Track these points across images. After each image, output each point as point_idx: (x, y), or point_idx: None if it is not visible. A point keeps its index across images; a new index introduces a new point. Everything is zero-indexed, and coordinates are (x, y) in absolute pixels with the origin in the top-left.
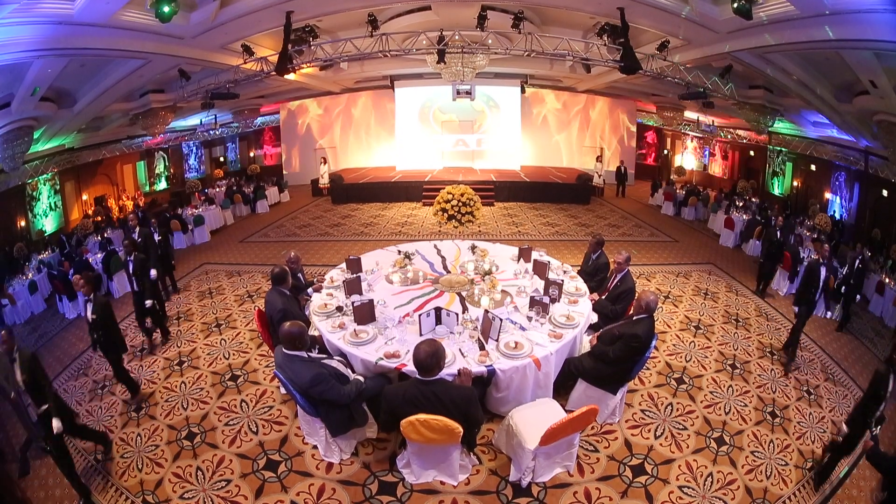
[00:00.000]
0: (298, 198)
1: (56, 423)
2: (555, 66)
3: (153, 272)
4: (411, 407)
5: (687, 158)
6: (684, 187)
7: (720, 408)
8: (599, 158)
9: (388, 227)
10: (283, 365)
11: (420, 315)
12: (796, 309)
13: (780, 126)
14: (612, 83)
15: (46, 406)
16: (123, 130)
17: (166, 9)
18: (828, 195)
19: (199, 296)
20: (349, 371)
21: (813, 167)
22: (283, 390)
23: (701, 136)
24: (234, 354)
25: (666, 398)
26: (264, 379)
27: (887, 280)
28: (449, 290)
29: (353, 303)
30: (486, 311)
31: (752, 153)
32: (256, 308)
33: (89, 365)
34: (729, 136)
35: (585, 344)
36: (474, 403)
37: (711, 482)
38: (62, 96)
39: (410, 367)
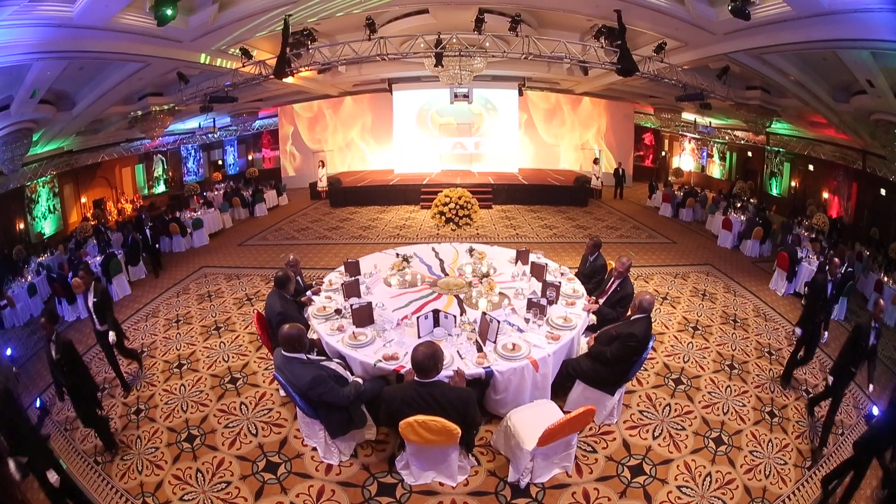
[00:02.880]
0: (297, 201)
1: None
2: (552, 69)
3: None
4: (409, 408)
5: (685, 160)
6: (682, 189)
7: (718, 408)
8: (597, 161)
9: (387, 230)
10: (283, 367)
11: (418, 317)
12: (830, 379)
13: (778, 126)
14: (610, 85)
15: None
16: (122, 133)
17: (169, 11)
18: (826, 195)
19: (199, 299)
20: (348, 373)
21: (811, 167)
22: (282, 392)
23: (698, 137)
24: (233, 357)
25: (664, 399)
26: (264, 381)
27: (886, 279)
28: (447, 293)
29: (351, 305)
30: (484, 314)
31: (749, 154)
32: (255, 311)
33: (88, 367)
34: (726, 138)
35: (583, 345)
36: (472, 405)
37: (710, 482)
38: (61, 99)
39: (409, 369)
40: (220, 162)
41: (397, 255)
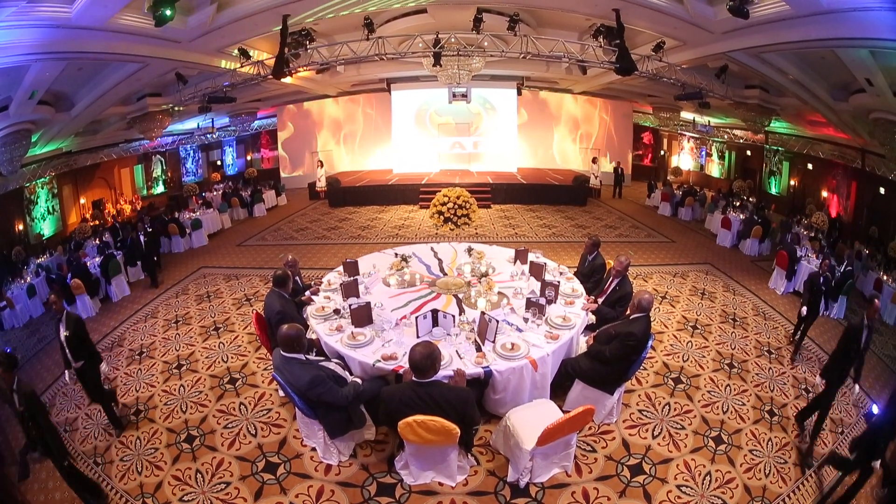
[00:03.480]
0: (296, 201)
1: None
2: (551, 68)
3: None
4: (408, 408)
5: (684, 159)
6: (681, 188)
7: (718, 407)
8: (595, 160)
9: (385, 230)
10: (281, 367)
11: (417, 317)
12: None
13: (777, 125)
14: (609, 84)
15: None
16: (121, 134)
17: (168, 12)
18: (825, 193)
19: (197, 299)
20: (347, 373)
21: (810, 166)
22: (281, 393)
23: (697, 136)
24: (232, 358)
25: (663, 398)
26: (263, 382)
27: (885, 277)
28: (446, 293)
29: (350, 305)
30: (483, 313)
31: (748, 153)
32: (254, 311)
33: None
34: (725, 136)
35: (582, 345)
36: (471, 404)
37: (710, 481)
38: (60, 100)
39: (407, 369)
40: (218, 162)
41: (396, 254)
